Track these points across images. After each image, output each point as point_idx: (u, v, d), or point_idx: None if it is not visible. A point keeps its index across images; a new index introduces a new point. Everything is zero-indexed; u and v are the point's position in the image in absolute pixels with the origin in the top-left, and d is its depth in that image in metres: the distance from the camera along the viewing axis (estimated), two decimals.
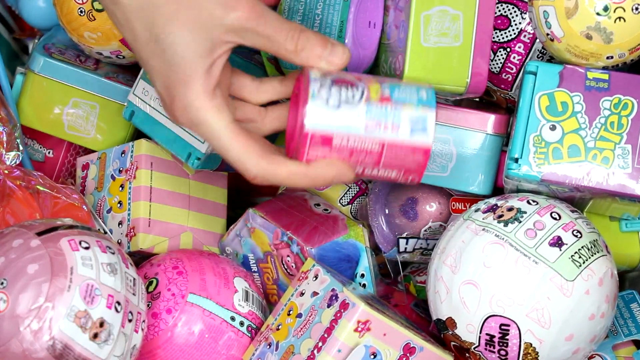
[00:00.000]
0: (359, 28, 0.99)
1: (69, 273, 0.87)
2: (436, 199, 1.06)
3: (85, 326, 0.86)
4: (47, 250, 0.87)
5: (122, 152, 1.09)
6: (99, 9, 1.08)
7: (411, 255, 1.08)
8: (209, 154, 1.04)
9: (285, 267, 1.05)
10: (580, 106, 0.93)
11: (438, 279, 0.94)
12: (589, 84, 0.94)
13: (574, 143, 0.93)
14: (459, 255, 0.93)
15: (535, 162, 0.93)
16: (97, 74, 1.12)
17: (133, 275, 0.92)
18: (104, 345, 0.87)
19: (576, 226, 0.92)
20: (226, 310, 0.98)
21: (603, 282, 0.92)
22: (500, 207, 0.94)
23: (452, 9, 0.93)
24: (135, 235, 1.06)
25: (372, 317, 0.91)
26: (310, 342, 0.92)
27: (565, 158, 0.93)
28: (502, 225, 0.92)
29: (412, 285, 1.12)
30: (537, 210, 0.93)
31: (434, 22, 0.93)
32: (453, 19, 0.93)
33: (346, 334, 0.91)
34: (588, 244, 0.92)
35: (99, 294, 0.87)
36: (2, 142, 1.04)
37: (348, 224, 1.05)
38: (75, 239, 0.89)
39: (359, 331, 0.91)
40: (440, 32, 0.93)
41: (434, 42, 0.93)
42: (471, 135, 1.01)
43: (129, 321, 0.90)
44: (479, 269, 0.91)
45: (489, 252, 0.91)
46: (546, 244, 0.91)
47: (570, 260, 0.90)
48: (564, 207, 0.94)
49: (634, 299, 1.08)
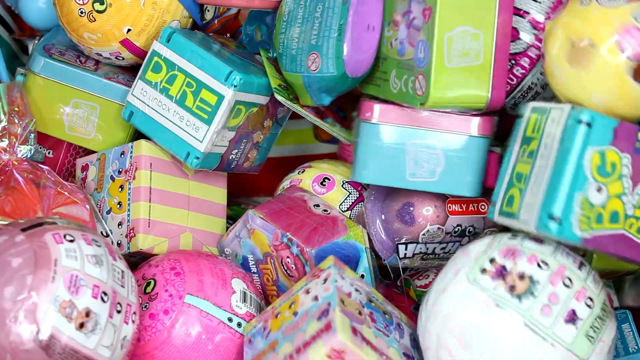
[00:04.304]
0: (357, 31, 0.99)
1: (53, 265, 0.87)
2: (432, 202, 1.05)
3: (70, 316, 0.87)
4: (31, 244, 0.88)
5: (122, 153, 1.09)
6: (100, 10, 1.08)
7: (411, 260, 1.07)
8: (207, 153, 1.04)
9: (285, 269, 1.05)
10: (627, 169, 0.88)
11: (442, 347, 0.90)
12: (639, 146, 0.88)
13: (616, 209, 0.88)
14: (471, 330, 0.88)
15: (578, 224, 0.87)
16: (97, 75, 1.12)
17: (121, 268, 0.93)
18: (91, 335, 0.88)
19: (587, 292, 0.89)
20: (223, 311, 0.98)
21: (611, 348, 0.90)
22: (510, 272, 0.89)
23: (473, 29, 0.94)
24: (135, 236, 1.06)
25: (348, 350, 0.88)
26: (289, 348, 0.91)
27: (606, 224, 0.88)
28: (517, 302, 0.87)
29: (412, 290, 1.11)
30: (549, 278, 0.88)
31: (456, 43, 0.93)
32: (474, 38, 0.94)
33: (318, 358, 0.89)
34: (599, 312, 0.89)
35: (84, 284, 0.88)
36: (17, 134, 1.06)
37: (348, 225, 1.05)
38: (59, 233, 0.90)
39: (332, 358, 0.89)
40: (462, 52, 0.94)
41: (457, 63, 0.94)
42: (457, 138, 1.01)
43: (117, 312, 0.90)
44: (496, 353, 0.88)
45: (506, 336, 0.87)
46: (562, 322, 0.87)
47: (585, 338, 0.87)
48: (572, 265, 0.90)
49: (627, 319, 1.08)
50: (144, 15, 1.08)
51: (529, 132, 0.92)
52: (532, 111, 0.93)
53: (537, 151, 0.90)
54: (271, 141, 1.13)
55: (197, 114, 1.04)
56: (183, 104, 1.04)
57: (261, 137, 1.10)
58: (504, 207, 0.92)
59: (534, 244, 0.91)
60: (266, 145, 1.13)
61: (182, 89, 1.05)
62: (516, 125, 0.94)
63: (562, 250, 0.91)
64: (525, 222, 0.89)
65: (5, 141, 1.05)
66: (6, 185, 1.05)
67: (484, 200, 1.06)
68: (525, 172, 0.91)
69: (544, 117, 0.91)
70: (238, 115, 1.05)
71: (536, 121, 0.91)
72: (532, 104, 0.93)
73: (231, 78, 1.02)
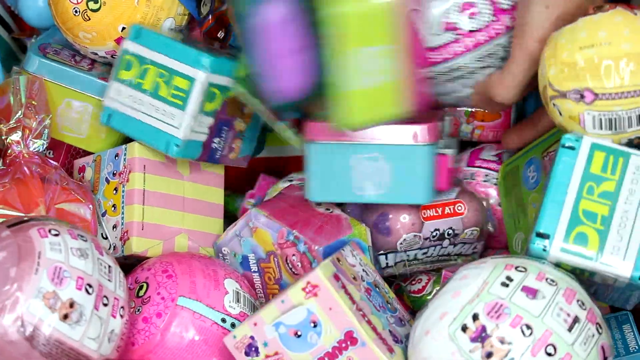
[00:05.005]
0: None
1: (37, 257, 0.88)
2: (406, 211, 1.05)
3: (54, 307, 0.87)
4: (16, 238, 0.89)
5: (116, 154, 1.09)
6: (94, 9, 1.08)
7: (394, 269, 1.08)
8: (187, 141, 1.04)
9: (290, 267, 1.04)
10: None
11: None
12: None
13: None
14: None
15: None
16: (90, 75, 1.12)
17: (108, 263, 0.93)
18: (75, 326, 0.88)
19: (573, 358, 0.86)
20: (216, 312, 0.98)
21: None
22: (490, 336, 0.86)
23: (380, 47, 0.91)
24: (128, 239, 1.06)
25: (322, 285, 0.91)
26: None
27: None
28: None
29: (405, 297, 1.11)
30: (531, 346, 0.85)
31: (363, 63, 0.92)
32: (381, 56, 0.92)
33: (294, 290, 0.92)
34: None
35: (68, 276, 0.88)
36: (32, 128, 1.07)
37: (352, 223, 1.05)
38: (44, 228, 0.90)
39: (306, 292, 0.91)
40: (371, 71, 0.92)
41: (367, 84, 0.92)
42: (399, 149, 1.01)
43: (104, 305, 0.90)
44: None
45: None
46: None
47: None
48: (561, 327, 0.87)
49: (627, 319, 1.07)
50: (139, 13, 1.08)
51: (596, 170, 0.92)
52: (593, 147, 0.92)
53: (617, 194, 0.91)
54: (255, 131, 1.12)
55: (171, 102, 1.04)
56: (157, 95, 1.04)
57: (243, 125, 1.10)
58: (572, 243, 0.90)
59: (523, 299, 0.88)
60: (250, 135, 1.12)
61: (155, 80, 1.05)
62: (560, 155, 0.93)
63: (553, 309, 0.88)
64: (612, 266, 0.89)
65: (19, 133, 1.06)
66: (12, 177, 1.06)
67: (460, 201, 1.06)
68: (602, 212, 0.90)
69: (619, 159, 0.91)
70: (213, 99, 1.05)
71: (605, 161, 0.92)
72: (591, 140, 0.92)
73: (200, 60, 1.03)
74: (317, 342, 0.92)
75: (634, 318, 1.07)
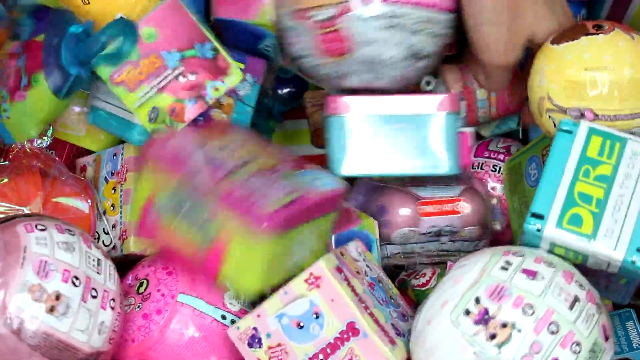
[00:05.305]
0: None
1: (22, 251, 0.88)
2: (403, 204, 1.06)
3: (40, 299, 0.87)
4: (3, 234, 0.89)
5: (114, 154, 1.09)
6: None
7: (394, 259, 1.08)
8: None
9: None
10: None
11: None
12: None
13: None
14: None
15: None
16: None
17: (97, 256, 0.93)
18: (62, 318, 0.87)
19: (575, 336, 0.86)
20: (217, 309, 0.97)
21: None
22: (493, 318, 0.86)
23: None
24: (127, 239, 1.05)
25: (325, 277, 0.91)
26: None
27: None
28: (496, 351, 0.85)
29: (409, 290, 1.10)
30: (534, 325, 0.86)
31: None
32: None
33: (297, 281, 0.92)
34: (588, 354, 0.87)
35: (54, 269, 0.88)
36: None
37: (360, 215, 1.06)
38: (31, 223, 0.91)
39: (309, 284, 0.92)
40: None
41: None
42: (425, 117, 1.01)
43: (92, 297, 0.90)
44: None
45: None
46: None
47: None
48: (562, 306, 0.87)
49: (630, 316, 1.07)
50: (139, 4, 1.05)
51: (592, 154, 0.92)
52: (590, 132, 0.93)
53: (613, 178, 0.91)
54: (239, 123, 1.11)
55: None
56: None
57: (223, 116, 1.09)
58: (566, 224, 0.90)
59: (524, 280, 0.88)
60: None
61: None
62: (557, 139, 0.93)
63: (553, 288, 0.88)
64: (605, 248, 0.89)
65: None
66: (11, 170, 1.06)
67: (462, 199, 1.07)
68: (597, 195, 0.91)
69: (616, 143, 0.92)
70: None
71: (602, 145, 0.93)
72: (588, 124, 0.93)
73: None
74: (320, 333, 0.92)
75: (637, 315, 1.07)
